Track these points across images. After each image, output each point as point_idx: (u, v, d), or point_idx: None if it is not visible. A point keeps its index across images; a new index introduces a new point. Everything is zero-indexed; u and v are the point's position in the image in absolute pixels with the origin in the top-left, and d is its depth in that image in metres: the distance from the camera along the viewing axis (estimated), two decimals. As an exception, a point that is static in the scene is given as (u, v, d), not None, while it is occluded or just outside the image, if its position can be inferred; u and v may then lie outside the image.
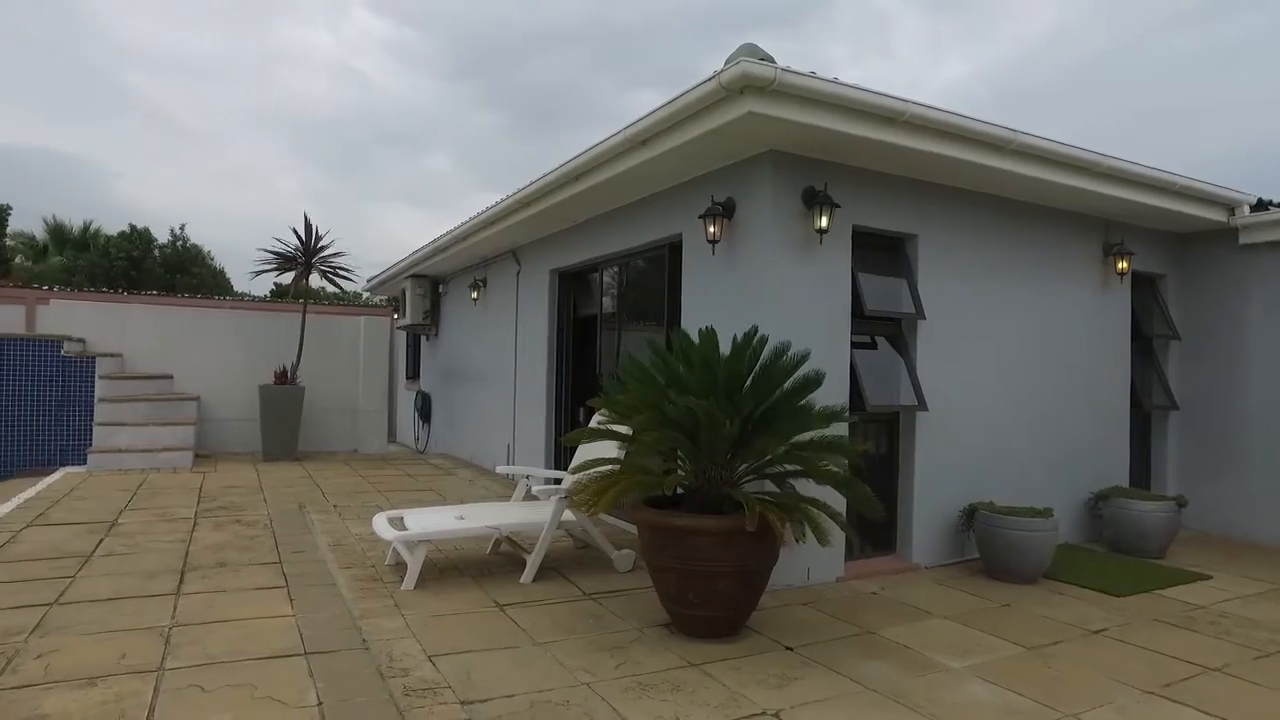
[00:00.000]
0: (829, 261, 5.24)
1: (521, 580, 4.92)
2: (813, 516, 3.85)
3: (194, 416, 10.57)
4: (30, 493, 7.78)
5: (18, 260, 27.83)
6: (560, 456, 8.14)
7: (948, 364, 5.79)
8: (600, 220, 7.15)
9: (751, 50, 4.47)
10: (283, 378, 10.90)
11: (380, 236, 61.33)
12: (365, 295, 19.75)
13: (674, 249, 6.10)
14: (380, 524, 5.02)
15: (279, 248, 10.83)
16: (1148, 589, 5.18)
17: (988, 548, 5.40)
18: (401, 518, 5.14)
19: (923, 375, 5.64)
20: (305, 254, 10.86)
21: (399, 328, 13.71)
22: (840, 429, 4.21)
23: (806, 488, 4.32)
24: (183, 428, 10.19)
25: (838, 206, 5.08)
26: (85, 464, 9.58)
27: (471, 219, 8.53)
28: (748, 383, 4.18)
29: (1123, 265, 6.73)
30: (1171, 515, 6.08)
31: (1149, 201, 6.24)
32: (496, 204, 7.74)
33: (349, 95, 75.01)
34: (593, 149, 5.67)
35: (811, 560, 5.02)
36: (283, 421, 10.77)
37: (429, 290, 12.43)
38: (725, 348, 4.25)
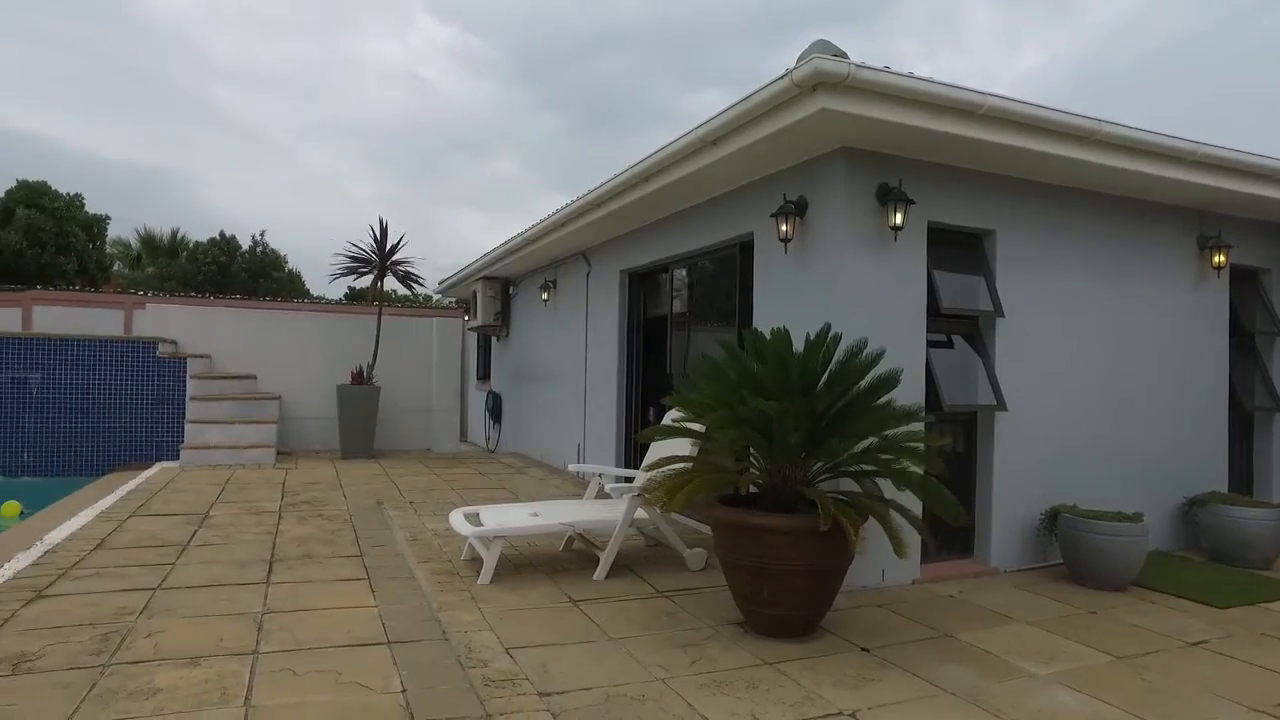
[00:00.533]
0: (904, 259, 5.14)
1: (594, 577, 4.97)
2: (889, 520, 3.79)
3: (276, 415, 11.00)
4: (131, 485, 8.23)
5: (116, 268, 29.49)
6: (631, 455, 8.20)
7: (1028, 363, 5.62)
8: (670, 220, 7.17)
9: (824, 47, 4.43)
10: (359, 378, 11.25)
11: (449, 239, 62.79)
12: (435, 297, 20.26)
13: (745, 248, 6.08)
14: (457, 520, 5.14)
15: (355, 251, 11.22)
16: (1253, 601, 4.91)
17: (1071, 552, 5.22)
18: (477, 514, 5.25)
19: (1001, 374, 5.49)
20: (380, 257, 11.20)
21: (470, 329, 13.99)
22: (917, 428, 4.14)
23: (885, 488, 4.25)
24: (266, 426, 10.62)
25: (913, 203, 4.99)
26: (178, 459, 10.09)
27: (542, 221, 8.65)
28: (822, 381, 4.14)
29: (1220, 259, 6.41)
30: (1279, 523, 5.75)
31: (1250, 190, 5.91)
32: (567, 206, 7.84)
33: (416, 102, 76.90)
34: (663, 150, 5.69)
35: (886, 561, 4.93)
36: (360, 420, 11.11)
37: (499, 292, 12.66)
38: (799, 346, 4.22)
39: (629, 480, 5.72)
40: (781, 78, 4.34)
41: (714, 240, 6.49)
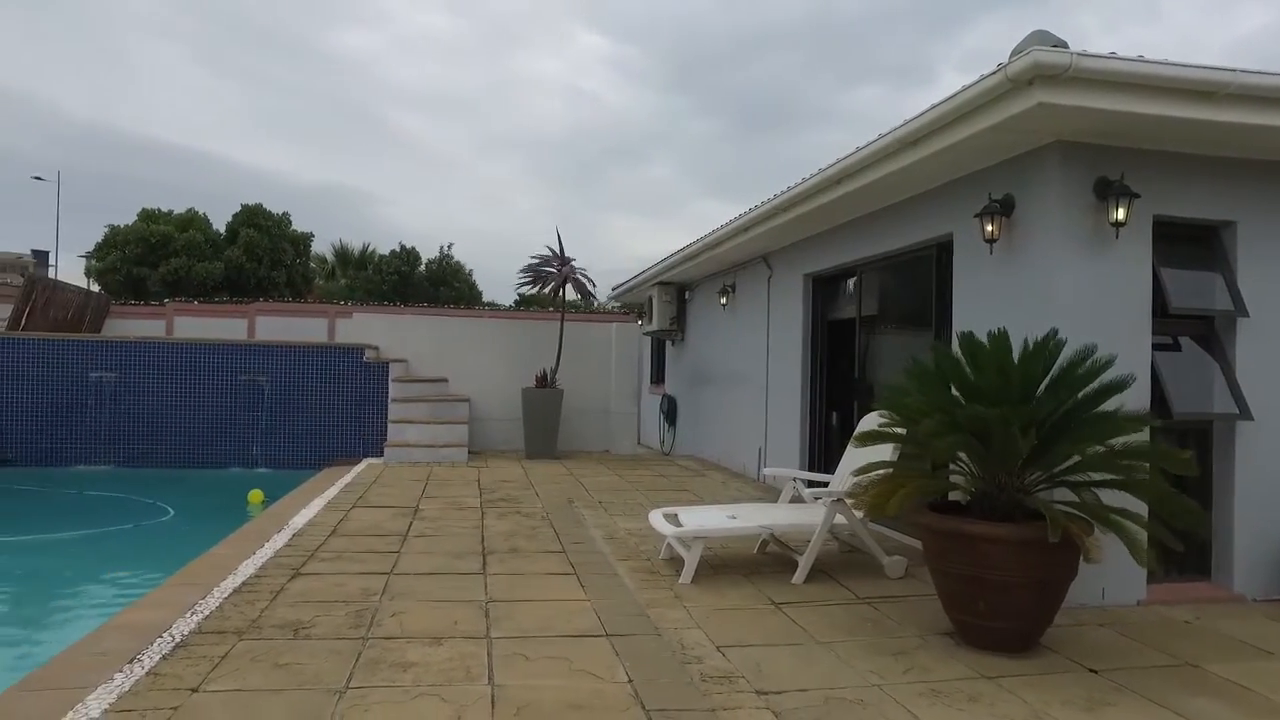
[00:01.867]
0: (1125, 258, 4.79)
1: (793, 580, 4.97)
2: (1127, 531, 3.56)
3: (466, 416, 11.69)
4: (347, 478, 9.08)
5: (317, 281, 32.60)
6: (816, 459, 8.10)
7: (1278, 367, 5.07)
8: (859, 222, 7.03)
9: (1042, 37, 4.23)
10: (543, 381, 11.79)
11: (607, 245, 64.76)
12: (598, 303, 20.93)
13: (942, 249, 5.88)
14: (657, 520, 5.31)
15: (537, 263, 11.84)
16: None
17: (1338, 582, 4.65)
18: (676, 515, 5.40)
19: (1244, 380, 4.99)
20: (560, 266, 11.73)
21: (644, 333, 14.30)
22: (1143, 436, 3.87)
23: (1107, 499, 3.99)
24: (458, 426, 11.36)
25: (1136, 196, 4.64)
26: (381, 456, 10.98)
27: (723, 226, 8.73)
28: (1042, 387, 3.96)
29: None
30: None
31: None
32: (752, 210, 7.87)
33: (575, 113, 79.76)
34: (856, 152, 5.61)
35: (1108, 579, 4.61)
36: (544, 422, 11.63)
37: (675, 297, 12.87)
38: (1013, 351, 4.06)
39: (820, 484, 5.68)
40: (994, 73, 4.18)
41: (907, 242, 6.32)
